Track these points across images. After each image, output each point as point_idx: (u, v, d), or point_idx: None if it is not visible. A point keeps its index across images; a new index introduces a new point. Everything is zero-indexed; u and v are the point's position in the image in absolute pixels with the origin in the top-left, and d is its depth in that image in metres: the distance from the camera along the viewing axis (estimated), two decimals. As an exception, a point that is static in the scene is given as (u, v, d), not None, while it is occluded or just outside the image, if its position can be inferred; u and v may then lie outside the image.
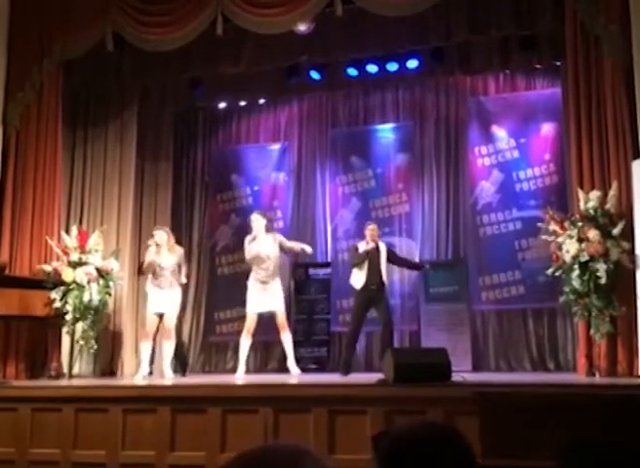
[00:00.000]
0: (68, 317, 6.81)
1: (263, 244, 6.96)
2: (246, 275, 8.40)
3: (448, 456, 1.24)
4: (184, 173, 9.28)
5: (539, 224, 6.47)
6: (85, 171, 8.04)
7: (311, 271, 8.62)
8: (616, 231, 5.62)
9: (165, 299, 6.93)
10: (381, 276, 6.87)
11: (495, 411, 4.18)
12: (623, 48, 5.87)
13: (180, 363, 7.26)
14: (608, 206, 5.72)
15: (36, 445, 5.17)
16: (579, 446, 1.52)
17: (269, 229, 7.22)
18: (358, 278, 6.87)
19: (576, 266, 5.66)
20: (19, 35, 7.46)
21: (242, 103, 9.10)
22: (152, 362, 7.16)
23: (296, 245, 7.22)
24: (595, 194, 5.78)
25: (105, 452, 5.02)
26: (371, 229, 7.02)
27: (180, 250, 7.18)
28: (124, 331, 7.90)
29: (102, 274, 7.03)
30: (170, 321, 6.94)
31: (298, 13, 6.65)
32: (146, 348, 6.97)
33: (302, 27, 6.86)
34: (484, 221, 7.96)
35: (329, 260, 8.61)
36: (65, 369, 6.91)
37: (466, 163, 8.23)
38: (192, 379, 6.78)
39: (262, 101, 9.06)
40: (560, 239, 5.84)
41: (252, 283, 7.00)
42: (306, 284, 8.54)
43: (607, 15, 5.93)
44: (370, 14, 6.61)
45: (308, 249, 7.21)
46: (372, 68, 8.06)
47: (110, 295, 7.24)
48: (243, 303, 7.99)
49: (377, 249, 6.93)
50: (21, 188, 7.28)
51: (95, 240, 7.16)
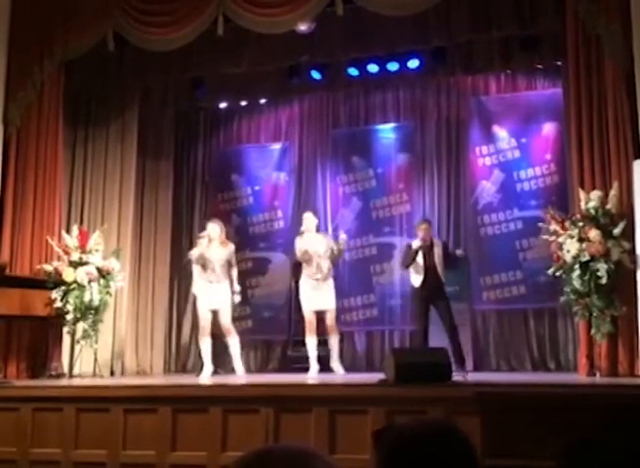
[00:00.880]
0: (69, 317, 6.81)
1: (312, 241, 6.94)
2: (247, 274, 8.42)
3: (449, 453, 1.24)
4: (185, 172, 9.28)
5: (539, 224, 6.46)
6: (86, 170, 8.04)
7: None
8: (617, 231, 5.62)
9: (216, 294, 6.86)
10: (438, 274, 6.83)
11: (495, 411, 4.18)
12: (624, 48, 5.87)
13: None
14: (609, 206, 5.72)
15: (37, 444, 5.18)
16: (579, 446, 1.52)
17: (318, 229, 7.22)
18: (416, 277, 6.88)
19: (576, 266, 5.66)
20: (20, 35, 7.46)
21: (243, 103, 9.09)
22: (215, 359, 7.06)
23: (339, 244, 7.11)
24: (596, 194, 5.78)
25: (106, 452, 5.03)
26: (423, 229, 6.97)
27: (232, 245, 7.12)
28: (125, 331, 7.91)
29: (103, 274, 7.04)
30: (225, 318, 6.88)
31: (299, 12, 6.65)
32: (206, 345, 6.88)
33: (303, 27, 6.86)
34: (485, 221, 7.96)
35: (330, 260, 8.60)
36: (66, 368, 6.91)
37: (467, 163, 8.23)
38: (193, 379, 6.78)
39: (263, 101, 9.06)
40: (561, 239, 5.84)
41: (304, 280, 7.01)
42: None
43: (608, 15, 5.93)
44: (371, 13, 6.61)
45: (343, 236, 7.19)
46: (373, 68, 8.06)
47: (111, 295, 7.23)
48: (244, 302, 8.00)
49: (430, 247, 6.89)
50: (22, 188, 7.28)
51: (95, 240, 7.16)
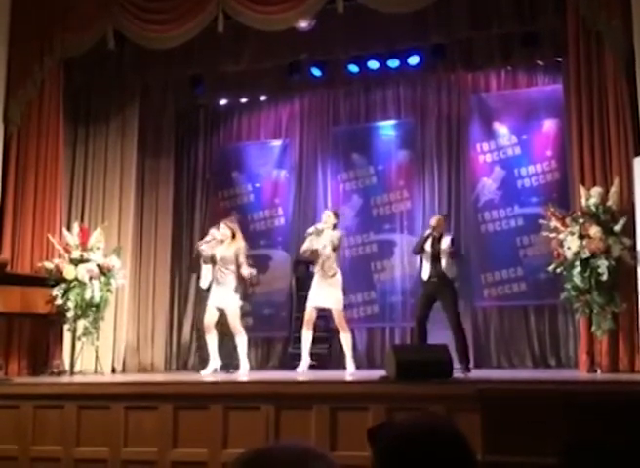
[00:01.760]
0: (70, 314, 6.82)
1: (322, 239, 6.89)
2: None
3: (445, 450, 1.24)
4: (186, 170, 9.27)
5: (540, 221, 6.46)
6: (86, 168, 8.04)
7: (312, 268, 8.59)
8: (617, 228, 5.62)
9: (223, 295, 6.82)
10: (442, 270, 6.64)
11: (496, 408, 4.19)
12: (625, 43, 5.86)
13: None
14: (609, 202, 5.71)
15: (38, 442, 5.18)
16: (581, 443, 1.52)
17: (335, 227, 7.06)
18: (425, 269, 6.76)
19: (577, 263, 5.66)
20: (20, 32, 7.45)
21: (243, 100, 9.08)
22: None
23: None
24: (597, 191, 5.78)
25: (107, 449, 5.03)
26: (438, 219, 6.81)
27: (242, 242, 7.01)
28: (126, 329, 7.92)
29: (104, 271, 7.04)
30: (233, 317, 6.83)
31: (299, 10, 6.64)
32: (212, 341, 6.85)
33: (304, 24, 6.85)
34: (485, 218, 7.95)
35: (330, 257, 8.60)
36: (67, 366, 6.92)
37: (468, 160, 8.22)
38: (194, 376, 6.78)
39: (264, 98, 9.05)
40: (561, 236, 5.84)
41: (314, 277, 6.97)
42: (307, 280, 8.50)
43: (608, 10, 5.92)
44: (371, 10, 6.59)
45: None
46: (373, 65, 8.05)
47: (112, 293, 7.23)
48: (245, 299, 7.99)
49: (439, 240, 6.78)
50: (23, 185, 7.28)
51: (96, 237, 7.16)
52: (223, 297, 6.82)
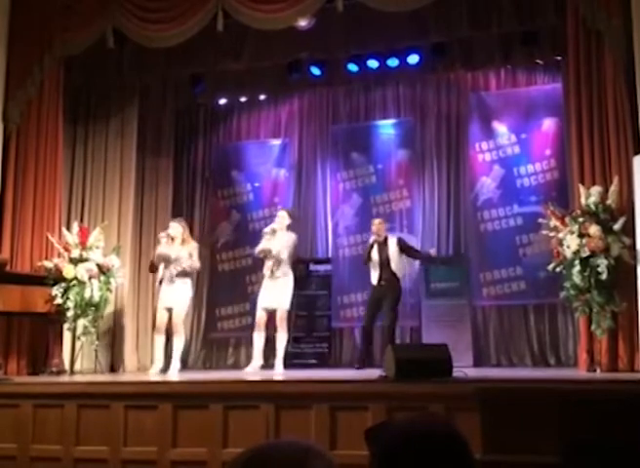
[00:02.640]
0: (69, 313, 6.82)
1: (276, 241, 7.00)
2: (246, 271, 8.42)
3: (443, 450, 1.24)
4: (185, 169, 9.27)
5: (539, 220, 6.46)
6: (86, 167, 8.04)
7: (312, 267, 8.62)
8: (617, 226, 5.62)
9: (174, 294, 6.94)
10: (392, 271, 6.87)
11: (496, 407, 4.19)
12: (625, 43, 5.86)
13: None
14: (609, 201, 5.71)
15: (38, 441, 5.18)
16: (580, 442, 1.53)
17: (289, 228, 7.25)
18: (373, 274, 6.95)
19: (576, 262, 5.66)
20: (19, 32, 7.44)
21: (243, 99, 9.08)
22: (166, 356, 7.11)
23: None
24: (596, 189, 5.77)
25: (107, 449, 5.03)
26: (376, 224, 7.06)
27: (194, 243, 7.17)
28: (125, 328, 7.91)
29: (103, 270, 7.04)
30: (178, 316, 6.95)
31: (298, 9, 6.64)
32: (159, 343, 6.96)
33: (303, 23, 6.85)
34: (485, 217, 7.95)
35: (329, 256, 8.61)
36: (67, 365, 6.92)
37: (467, 158, 8.22)
38: (193, 375, 6.78)
39: (263, 97, 9.05)
40: (561, 234, 5.84)
41: (264, 278, 7.09)
42: (307, 280, 8.53)
43: (608, 9, 5.92)
44: (370, 9, 6.59)
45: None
46: (372, 64, 8.05)
47: (111, 292, 7.24)
48: (244, 300, 8.02)
49: (384, 243, 6.93)
50: (22, 185, 7.28)
51: (96, 236, 7.16)
52: (173, 296, 6.93)
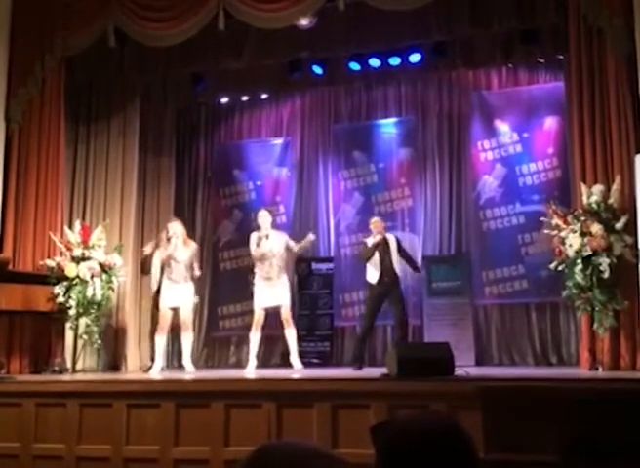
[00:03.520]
0: (72, 312, 6.82)
1: (271, 241, 7.04)
2: (248, 270, 8.41)
3: (448, 447, 1.24)
4: (187, 168, 9.28)
5: (542, 219, 6.47)
6: (88, 166, 8.05)
7: (314, 266, 8.62)
8: (619, 225, 5.61)
9: (179, 293, 6.98)
10: (394, 269, 6.88)
11: (497, 406, 4.19)
12: (626, 41, 5.85)
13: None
14: (611, 200, 5.71)
15: (40, 439, 5.19)
16: (582, 441, 1.53)
17: (273, 226, 7.32)
18: (372, 273, 6.90)
19: (579, 260, 5.66)
20: (20, 31, 7.45)
21: (244, 98, 9.09)
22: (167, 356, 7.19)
23: (303, 243, 7.27)
24: (598, 188, 5.77)
25: (109, 447, 5.04)
26: (374, 222, 7.07)
27: (194, 243, 7.23)
28: (127, 326, 7.92)
29: (105, 269, 7.04)
30: (186, 313, 7.02)
31: (300, 7, 6.63)
32: (161, 342, 6.99)
33: (304, 22, 6.85)
34: (487, 216, 7.95)
35: (331, 255, 8.61)
36: (69, 364, 6.93)
37: (469, 157, 8.22)
38: (196, 374, 6.79)
39: (265, 96, 9.05)
40: (563, 233, 5.84)
41: (257, 280, 7.11)
42: (309, 279, 8.54)
43: (610, 7, 5.91)
44: (372, 8, 6.58)
45: (311, 236, 7.29)
46: (374, 63, 8.04)
47: (113, 290, 7.24)
48: (246, 298, 8.02)
49: (385, 241, 6.93)
50: (24, 184, 7.28)
51: (97, 235, 7.17)
52: (180, 296, 6.97)
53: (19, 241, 7.19)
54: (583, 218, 5.72)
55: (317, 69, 8.20)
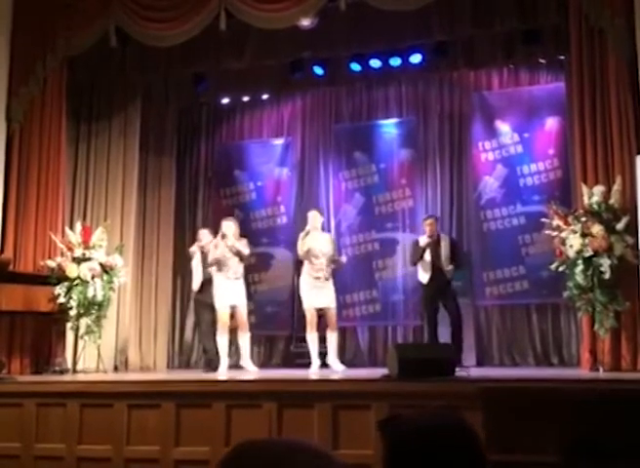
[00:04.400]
0: (72, 312, 6.82)
1: (318, 240, 6.94)
2: (249, 270, 8.41)
3: (456, 444, 1.24)
4: (188, 168, 9.28)
5: (542, 219, 6.46)
6: (89, 166, 8.05)
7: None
8: (620, 226, 5.61)
9: (235, 291, 6.87)
10: (444, 271, 6.83)
11: (498, 407, 4.19)
12: (628, 41, 5.85)
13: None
14: (612, 201, 5.71)
15: (41, 440, 5.19)
16: (583, 442, 1.53)
17: (324, 228, 7.20)
18: (423, 273, 6.87)
19: (579, 261, 5.66)
20: (22, 31, 7.46)
21: (245, 99, 9.09)
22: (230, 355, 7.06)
23: (335, 265, 7.17)
24: (599, 189, 5.77)
25: (110, 447, 5.04)
26: (428, 223, 6.99)
27: (244, 240, 7.10)
28: (128, 327, 7.93)
29: (106, 269, 7.04)
30: (244, 313, 6.91)
31: (301, 8, 6.64)
32: (225, 341, 6.84)
33: (306, 22, 6.85)
34: (488, 216, 7.95)
35: (332, 256, 8.60)
36: (70, 364, 6.93)
37: (470, 158, 8.22)
38: (196, 375, 6.79)
39: (266, 97, 9.06)
40: (564, 234, 5.84)
41: (305, 278, 6.98)
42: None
43: (611, 8, 5.91)
44: (373, 8, 6.59)
45: (344, 259, 7.32)
46: (375, 63, 8.04)
47: (114, 291, 7.24)
48: (248, 299, 7.98)
49: (437, 243, 6.86)
50: (25, 184, 7.29)
51: (98, 235, 7.17)
52: (238, 293, 6.86)
53: (19, 241, 7.19)
54: (584, 219, 5.72)
55: (318, 70, 8.21)
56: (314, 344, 6.89)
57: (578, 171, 6.14)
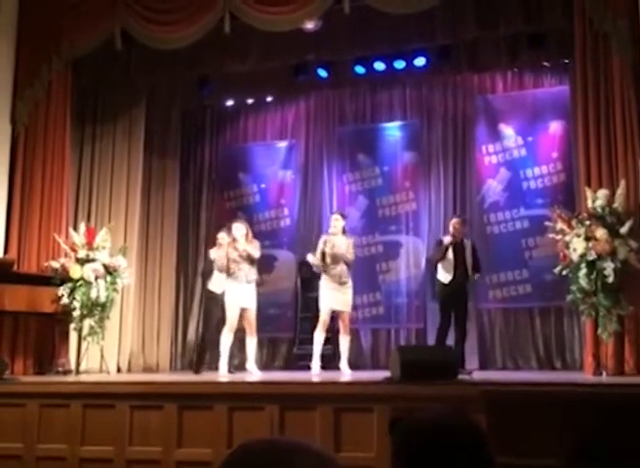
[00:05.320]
0: (76, 313, 6.84)
1: (338, 244, 6.84)
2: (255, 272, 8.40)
3: (465, 444, 1.25)
4: (192, 170, 9.30)
5: (546, 223, 6.45)
6: (93, 168, 8.08)
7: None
8: (623, 230, 5.60)
9: (247, 294, 6.80)
10: (467, 272, 6.75)
11: (501, 410, 4.18)
12: (632, 44, 5.85)
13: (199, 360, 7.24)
14: (615, 204, 5.70)
15: (44, 440, 5.20)
16: (586, 446, 1.52)
17: (345, 231, 7.04)
18: (444, 273, 6.75)
19: (583, 265, 5.65)
20: (27, 33, 7.49)
21: (249, 101, 9.12)
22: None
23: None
24: (603, 193, 5.76)
25: (112, 448, 5.04)
26: (454, 223, 6.86)
27: (256, 241, 7.02)
28: (131, 328, 7.94)
29: (110, 271, 7.05)
30: (253, 316, 6.84)
31: (305, 11, 6.65)
32: (229, 342, 6.77)
33: (310, 25, 6.86)
34: (491, 220, 7.94)
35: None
36: (73, 365, 6.94)
37: (473, 161, 8.21)
38: (199, 376, 6.79)
39: (270, 99, 9.08)
40: (567, 237, 5.83)
41: (324, 281, 6.85)
42: (313, 281, 8.52)
43: (615, 11, 5.91)
44: (377, 11, 6.60)
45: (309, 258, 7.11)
46: (379, 66, 8.06)
47: (117, 292, 7.25)
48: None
49: (461, 244, 6.78)
50: (30, 185, 7.31)
51: (102, 237, 7.18)
52: (249, 296, 6.80)
53: (23, 242, 7.22)
54: (588, 223, 5.71)
55: (322, 72, 8.22)
56: (319, 345, 6.87)
57: (581, 174, 6.13)
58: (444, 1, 6.43)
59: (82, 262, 6.91)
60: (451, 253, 6.72)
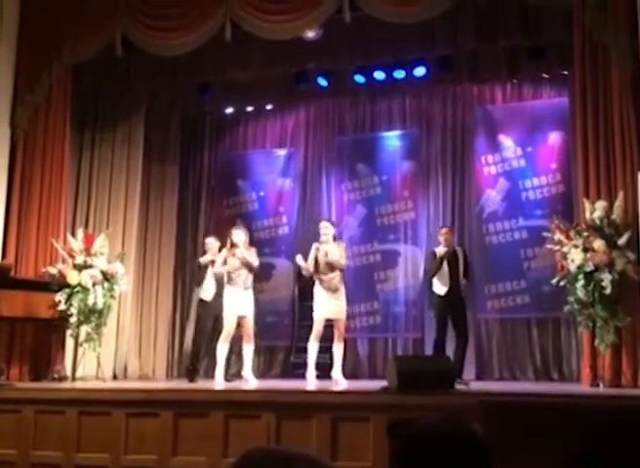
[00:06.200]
0: (73, 319, 6.82)
1: (331, 251, 6.84)
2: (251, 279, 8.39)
3: (463, 450, 1.25)
4: (191, 177, 9.30)
5: (544, 233, 6.45)
6: (92, 174, 8.07)
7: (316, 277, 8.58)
8: (621, 241, 5.61)
9: (244, 301, 6.81)
10: (460, 284, 6.63)
11: (498, 420, 4.17)
12: (631, 57, 5.87)
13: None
14: (614, 216, 5.71)
15: (38, 447, 5.18)
16: (582, 458, 1.52)
17: (336, 238, 7.07)
18: (440, 286, 6.64)
19: (581, 276, 5.65)
20: (28, 38, 7.50)
21: (249, 109, 9.13)
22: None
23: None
24: (601, 204, 5.77)
25: (108, 456, 5.03)
26: (443, 233, 6.78)
27: (253, 249, 7.05)
28: (128, 335, 7.91)
29: (107, 277, 7.04)
30: (251, 324, 6.86)
31: (306, 19, 6.67)
32: (225, 351, 6.79)
33: (311, 34, 6.89)
34: (490, 230, 7.95)
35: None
36: (69, 371, 6.92)
37: (473, 171, 8.23)
38: (195, 384, 6.77)
39: (269, 107, 9.10)
40: (565, 248, 5.83)
41: (318, 290, 6.85)
42: (311, 290, 8.50)
43: (615, 23, 5.94)
44: (378, 21, 6.62)
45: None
46: (379, 75, 8.08)
47: (115, 299, 7.24)
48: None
49: (454, 253, 6.70)
50: (28, 190, 7.30)
51: (100, 243, 7.17)
52: (247, 304, 6.81)
53: (21, 247, 7.20)
54: (586, 234, 5.72)
55: (322, 81, 8.24)
56: (314, 354, 6.85)
57: (580, 185, 6.15)
58: (445, 12, 6.45)
59: (79, 268, 6.90)
60: (445, 265, 6.69)
